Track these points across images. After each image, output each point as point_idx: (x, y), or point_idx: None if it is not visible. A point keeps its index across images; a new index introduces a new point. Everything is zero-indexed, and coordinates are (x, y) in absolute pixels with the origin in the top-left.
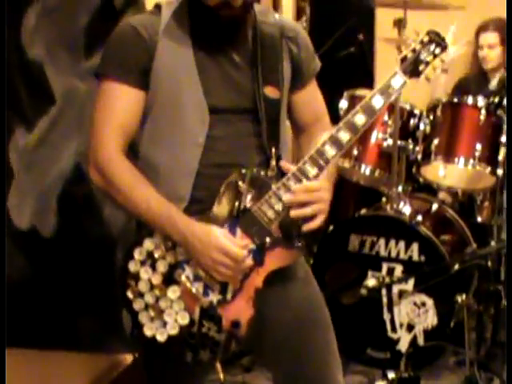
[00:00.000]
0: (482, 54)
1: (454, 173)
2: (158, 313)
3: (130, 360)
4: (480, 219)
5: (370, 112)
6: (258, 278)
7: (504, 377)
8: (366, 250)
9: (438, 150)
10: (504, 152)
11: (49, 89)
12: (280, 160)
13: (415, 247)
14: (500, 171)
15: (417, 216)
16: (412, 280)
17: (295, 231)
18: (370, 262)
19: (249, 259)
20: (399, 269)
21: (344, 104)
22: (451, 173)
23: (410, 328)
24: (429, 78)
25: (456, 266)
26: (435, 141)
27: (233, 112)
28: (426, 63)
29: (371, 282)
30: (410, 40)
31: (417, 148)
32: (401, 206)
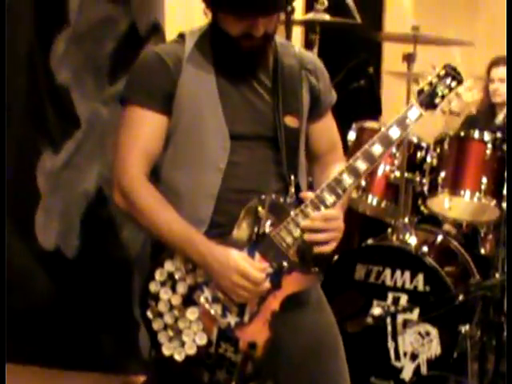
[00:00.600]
0: (493, 88)
1: (460, 205)
2: (177, 333)
3: (142, 380)
4: (483, 251)
5: (387, 142)
6: (275, 302)
7: None
8: (372, 280)
9: (445, 183)
10: None
11: (75, 113)
12: (298, 187)
13: (420, 277)
14: (504, 204)
15: (422, 247)
16: (417, 310)
17: (312, 257)
18: (376, 292)
19: (267, 282)
20: (404, 298)
21: (352, 136)
22: (456, 205)
23: (414, 357)
24: (444, 111)
25: (460, 297)
26: (442, 173)
27: (253, 139)
28: (442, 96)
29: (377, 311)
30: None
31: (423, 180)
32: (407, 237)
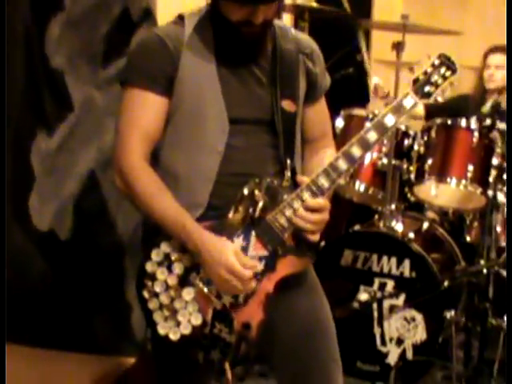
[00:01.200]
0: (488, 73)
1: (446, 193)
2: (172, 313)
3: (133, 361)
4: (469, 239)
5: (382, 130)
6: (270, 284)
7: None
8: (359, 265)
9: (432, 170)
10: (494, 174)
11: (69, 97)
12: (294, 171)
13: (407, 263)
14: (490, 192)
15: (409, 233)
16: (403, 295)
17: (307, 240)
18: (363, 277)
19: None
20: (391, 284)
21: (340, 123)
22: (443, 193)
23: (400, 342)
24: (438, 101)
25: (446, 283)
26: (429, 161)
27: (251, 123)
28: (437, 85)
29: (363, 297)
30: (419, 63)
31: (411, 167)
32: (393, 224)
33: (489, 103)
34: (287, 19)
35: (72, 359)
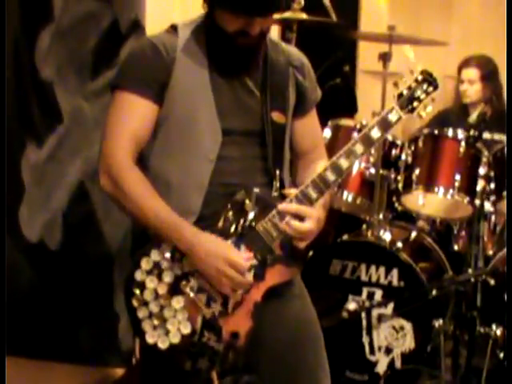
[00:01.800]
0: (463, 88)
1: (433, 202)
2: (162, 321)
3: (121, 373)
4: (456, 248)
5: (368, 143)
6: (258, 293)
7: None
8: (347, 275)
9: (419, 180)
10: (482, 184)
11: (58, 108)
12: (283, 182)
13: (395, 273)
14: (477, 201)
15: (397, 243)
16: (391, 304)
17: (295, 249)
18: (351, 287)
19: (250, 275)
20: (379, 293)
21: (328, 133)
22: (430, 202)
23: (388, 351)
24: (421, 115)
25: (434, 292)
26: (416, 170)
27: (242, 134)
28: (420, 101)
29: (352, 306)
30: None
31: (398, 177)
32: (381, 233)
33: (475, 113)
34: (274, 31)
35: (60, 370)
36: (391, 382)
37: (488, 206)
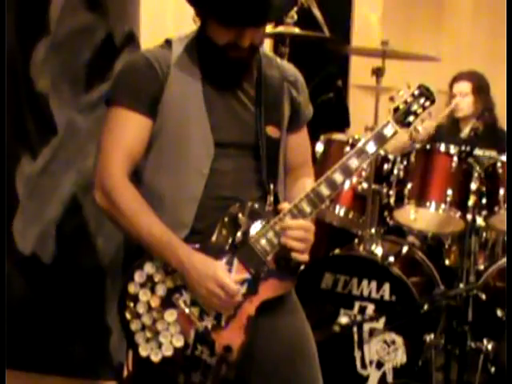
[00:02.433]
0: (455, 102)
1: (425, 217)
2: (154, 334)
3: None
4: (448, 262)
5: (364, 157)
6: (251, 307)
7: None
8: (339, 289)
9: (411, 194)
10: (473, 199)
11: (52, 120)
12: (277, 196)
13: (387, 287)
14: (469, 216)
15: (388, 257)
16: (383, 319)
17: (289, 263)
18: (343, 301)
19: (239, 296)
20: (371, 308)
21: (320, 147)
22: (422, 217)
23: (380, 365)
24: (417, 129)
25: (425, 307)
26: (408, 185)
27: (236, 148)
28: (416, 115)
29: (343, 320)
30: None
31: (390, 192)
32: (373, 247)
33: (467, 128)
34: (267, 45)
35: (52, 382)
36: None
37: (480, 221)
